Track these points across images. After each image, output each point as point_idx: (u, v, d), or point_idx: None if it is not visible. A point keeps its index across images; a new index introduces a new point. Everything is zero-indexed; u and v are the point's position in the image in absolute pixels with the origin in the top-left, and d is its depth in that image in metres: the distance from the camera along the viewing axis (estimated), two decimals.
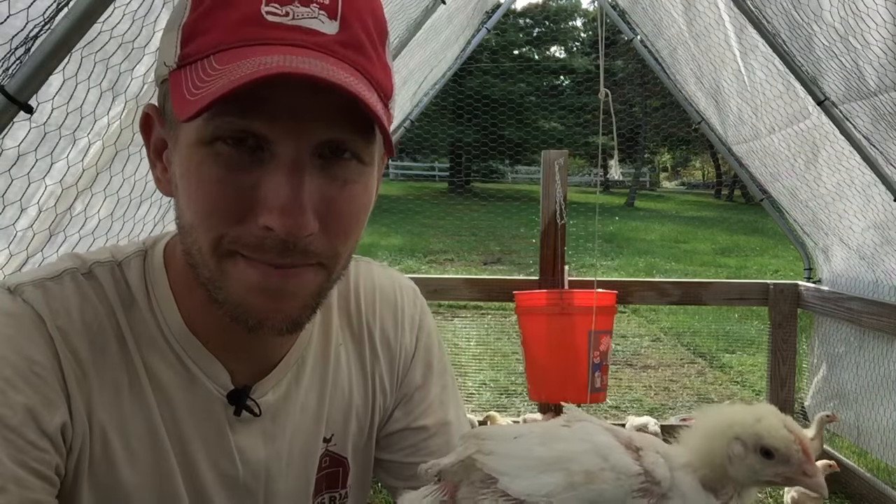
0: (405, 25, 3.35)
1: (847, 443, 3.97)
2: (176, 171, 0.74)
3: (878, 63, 2.40)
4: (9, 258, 1.52)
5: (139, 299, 0.82)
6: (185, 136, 0.71)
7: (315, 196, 0.70)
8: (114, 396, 0.78)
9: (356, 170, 0.74)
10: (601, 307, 3.46)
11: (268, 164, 0.69)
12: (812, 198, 3.63)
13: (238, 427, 0.85)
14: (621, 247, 14.30)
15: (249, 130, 0.68)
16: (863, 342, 3.62)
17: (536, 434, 0.75)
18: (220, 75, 0.65)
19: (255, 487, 0.86)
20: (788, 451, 0.66)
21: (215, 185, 0.70)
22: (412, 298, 1.04)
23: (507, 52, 24.79)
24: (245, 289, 0.72)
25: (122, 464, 0.78)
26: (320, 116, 0.69)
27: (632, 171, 23.68)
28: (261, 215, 0.69)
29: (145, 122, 0.81)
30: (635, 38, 4.33)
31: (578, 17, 30.71)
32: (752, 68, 3.30)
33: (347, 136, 0.71)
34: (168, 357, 0.82)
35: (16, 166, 1.41)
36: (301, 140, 0.69)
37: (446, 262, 11.88)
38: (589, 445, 0.70)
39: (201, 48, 0.69)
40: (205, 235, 0.71)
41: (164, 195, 0.82)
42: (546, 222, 3.89)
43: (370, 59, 0.73)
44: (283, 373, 0.88)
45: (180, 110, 0.67)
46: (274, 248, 0.70)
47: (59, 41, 1.22)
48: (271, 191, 0.68)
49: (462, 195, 19.23)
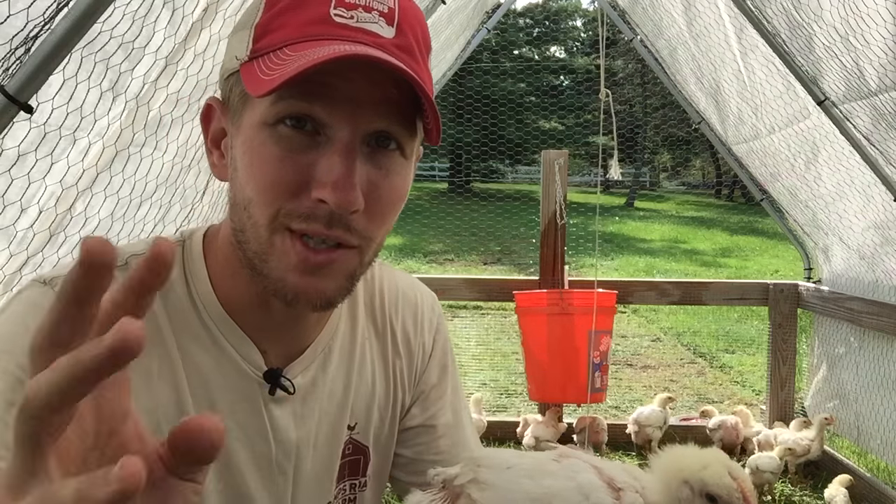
0: None
1: (847, 443, 3.97)
2: (237, 152, 0.80)
3: (878, 63, 2.40)
4: (9, 258, 1.52)
5: (177, 286, 0.86)
6: (250, 119, 0.78)
7: (363, 178, 0.77)
8: (144, 379, 0.81)
9: (398, 162, 0.81)
10: (601, 307, 3.47)
11: (324, 147, 0.76)
12: (812, 198, 3.63)
13: (272, 406, 0.89)
14: (621, 247, 14.30)
15: (310, 114, 0.75)
16: (863, 342, 3.62)
17: (527, 467, 0.80)
18: (294, 60, 0.72)
19: (286, 467, 0.90)
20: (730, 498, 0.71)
21: (276, 162, 0.76)
22: (430, 304, 1.11)
23: (507, 52, 24.79)
24: (286, 265, 0.78)
25: None
26: (375, 107, 0.76)
27: (632, 171, 23.67)
28: (315, 189, 0.75)
29: (206, 114, 0.87)
30: (635, 38, 4.33)
31: (578, 17, 30.73)
32: (752, 68, 3.30)
33: (395, 128, 0.78)
34: (204, 340, 0.86)
35: (16, 166, 1.41)
36: (356, 126, 0.76)
37: (446, 262, 11.88)
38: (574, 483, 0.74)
39: (273, 42, 0.76)
40: (263, 209, 0.77)
41: (220, 180, 0.87)
42: (546, 222, 3.89)
43: (419, 64, 0.80)
44: (311, 359, 0.93)
45: (255, 88, 0.73)
46: (322, 217, 0.76)
47: (59, 41, 1.22)
48: (326, 168, 0.75)
49: (462, 195, 19.21)
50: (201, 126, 0.89)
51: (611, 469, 0.78)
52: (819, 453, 3.66)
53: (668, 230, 17.17)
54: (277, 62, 0.74)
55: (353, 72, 0.74)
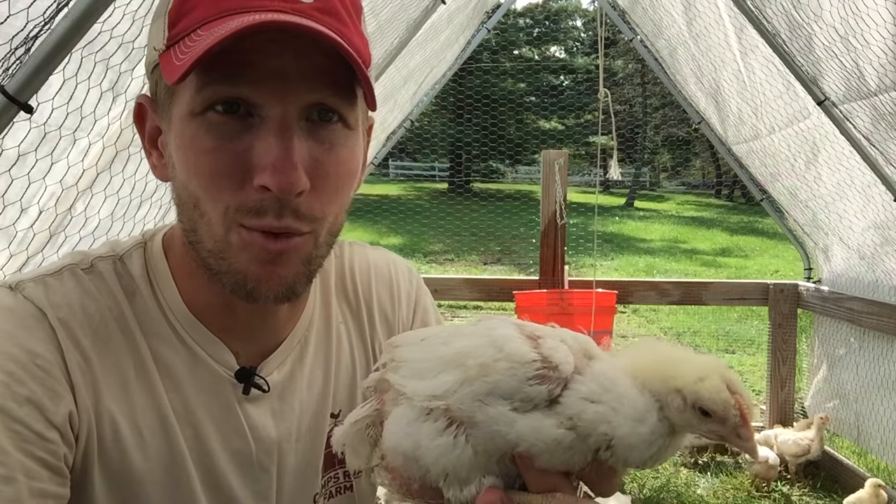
0: (405, 25, 3.35)
1: (847, 443, 3.97)
2: (172, 148, 0.77)
3: (878, 63, 2.40)
4: (9, 258, 1.51)
5: (142, 288, 0.84)
6: (179, 111, 0.74)
7: (304, 155, 0.73)
8: (121, 385, 0.80)
9: (342, 133, 0.77)
10: (601, 307, 3.47)
11: (258, 129, 0.73)
12: (812, 198, 3.63)
13: (247, 406, 0.87)
14: (621, 247, 14.30)
15: (238, 96, 0.71)
16: (863, 342, 3.62)
17: (442, 335, 0.74)
18: (204, 38, 0.69)
19: (268, 464, 0.88)
20: (725, 414, 0.64)
21: (210, 154, 0.73)
22: (407, 275, 1.07)
23: (507, 52, 24.79)
24: (247, 258, 0.76)
25: (133, 450, 0.79)
26: (305, 80, 0.72)
27: (632, 171, 23.67)
28: (255, 176, 0.72)
29: (139, 113, 0.84)
30: (635, 38, 4.33)
31: (578, 17, 30.72)
32: (752, 68, 3.30)
33: (332, 99, 0.75)
34: (173, 342, 0.84)
35: (16, 166, 1.41)
36: (288, 102, 0.72)
37: (446, 262, 11.88)
38: (487, 339, 0.69)
39: (188, 25, 0.73)
40: (213, 206, 0.74)
41: (161, 180, 0.84)
42: (546, 222, 3.89)
43: (346, 26, 0.76)
44: (287, 352, 0.91)
45: (169, 76, 0.70)
46: (271, 208, 0.73)
47: (59, 41, 1.22)
48: (262, 151, 0.72)
49: (462, 195, 19.21)
50: (136, 127, 0.85)
51: (538, 327, 0.71)
52: (819, 453, 3.66)
53: (668, 230, 17.17)
54: (190, 44, 0.70)
55: (276, 45, 0.70)
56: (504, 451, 0.65)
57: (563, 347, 0.67)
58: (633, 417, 0.65)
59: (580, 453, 0.65)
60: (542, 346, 0.67)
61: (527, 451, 0.64)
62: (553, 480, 0.65)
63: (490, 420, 0.65)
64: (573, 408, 0.64)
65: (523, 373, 0.65)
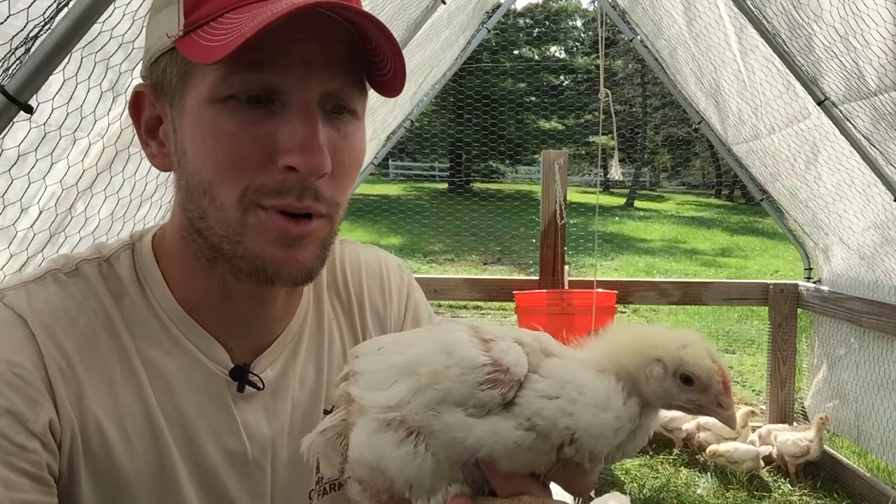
0: (405, 25, 3.35)
1: (847, 443, 3.97)
2: (185, 134, 0.77)
3: (878, 63, 2.40)
4: (9, 258, 1.51)
5: (130, 290, 0.84)
6: (195, 97, 0.75)
7: (326, 141, 0.75)
8: (107, 388, 0.79)
9: (352, 124, 0.80)
10: (601, 307, 3.47)
11: (281, 114, 0.74)
12: (812, 198, 3.63)
13: (241, 403, 0.86)
14: (621, 247, 14.30)
15: (265, 83, 0.73)
16: (863, 342, 3.62)
17: (399, 342, 0.74)
18: (245, 21, 0.69)
19: (263, 462, 0.88)
20: (709, 380, 0.64)
21: (233, 138, 0.73)
22: (398, 273, 1.08)
23: (507, 52, 24.80)
24: (265, 241, 0.76)
25: (120, 453, 0.79)
26: (327, 67, 0.74)
27: (632, 171, 23.67)
28: (281, 157, 0.73)
29: (136, 103, 0.83)
30: (635, 39, 4.33)
31: (578, 17, 30.73)
32: (752, 68, 3.30)
33: (347, 89, 0.77)
34: (164, 342, 0.83)
35: (16, 166, 1.41)
36: (311, 88, 0.74)
37: (446, 262, 11.88)
38: (439, 345, 0.68)
39: (210, 11, 0.73)
40: (230, 189, 0.74)
41: (161, 170, 0.84)
42: (546, 222, 3.89)
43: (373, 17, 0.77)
44: (280, 349, 0.91)
45: (205, 56, 0.70)
46: (294, 188, 0.74)
47: (59, 41, 1.22)
48: (289, 134, 0.73)
49: (462, 195, 19.21)
50: (131, 118, 0.84)
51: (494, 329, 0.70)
52: (818, 453, 3.66)
53: (668, 230, 17.17)
54: (222, 29, 0.70)
55: (303, 32, 0.72)
56: (466, 457, 0.64)
57: (515, 349, 0.66)
58: (595, 405, 0.63)
59: (543, 453, 0.64)
60: (493, 349, 0.66)
61: (488, 455, 0.63)
62: (520, 483, 0.64)
63: (447, 428, 0.64)
64: (531, 407, 0.63)
65: (474, 378, 0.64)
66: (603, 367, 0.66)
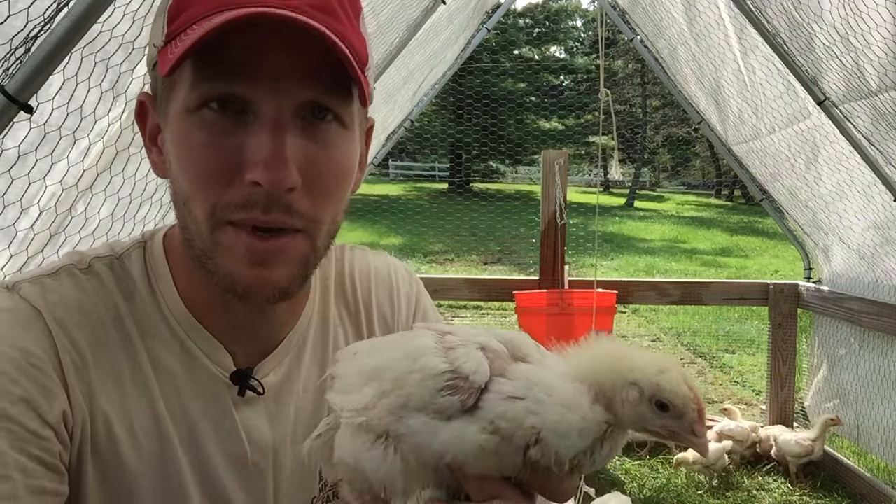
0: (405, 25, 3.35)
1: (847, 443, 3.97)
2: (168, 145, 0.78)
3: (878, 63, 2.40)
4: (9, 258, 1.51)
5: (141, 288, 0.85)
6: (175, 107, 0.75)
7: (297, 153, 0.73)
8: (116, 385, 0.80)
9: (337, 133, 0.77)
10: (601, 307, 3.46)
11: (251, 126, 0.73)
12: (812, 198, 3.63)
13: (242, 408, 0.87)
14: (621, 247, 14.30)
15: (231, 93, 0.72)
16: (863, 342, 3.62)
17: (372, 347, 0.75)
18: (195, 31, 0.70)
19: (263, 466, 0.88)
20: (685, 408, 0.64)
21: (203, 150, 0.73)
22: (407, 279, 1.08)
23: (507, 52, 24.80)
24: (234, 260, 0.75)
25: (127, 450, 0.79)
26: (299, 77, 0.73)
27: (632, 171, 23.67)
28: (247, 171, 0.72)
29: (140, 111, 0.84)
30: (635, 39, 4.33)
31: (578, 17, 30.74)
32: (752, 68, 3.30)
33: (325, 97, 0.75)
34: (171, 343, 0.84)
35: (16, 166, 1.41)
36: (281, 100, 0.73)
37: (446, 262, 11.88)
38: (404, 351, 0.69)
39: (186, 20, 0.73)
40: (200, 205, 0.74)
41: (160, 178, 0.84)
42: (546, 222, 3.89)
43: (342, 24, 0.75)
44: (284, 354, 0.91)
45: (162, 69, 0.71)
46: (259, 203, 0.73)
47: (59, 41, 1.22)
48: (255, 147, 0.72)
49: (462, 195, 19.21)
50: (138, 125, 0.85)
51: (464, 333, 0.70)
52: (821, 454, 3.66)
53: (668, 230, 17.17)
54: (184, 38, 0.71)
55: (271, 42, 0.71)
56: (434, 461, 0.65)
57: (475, 356, 0.66)
58: (561, 404, 0.64)
59: (508, 456, 0.64)
60: (452, 356, 0.66)
61: (454, 460, 0.64)
62: (494, 487, 0.65)
63: (412, 432, 0.64)
64: (494, 410, 0.64)
65: (433, 385, 0.65)
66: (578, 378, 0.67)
